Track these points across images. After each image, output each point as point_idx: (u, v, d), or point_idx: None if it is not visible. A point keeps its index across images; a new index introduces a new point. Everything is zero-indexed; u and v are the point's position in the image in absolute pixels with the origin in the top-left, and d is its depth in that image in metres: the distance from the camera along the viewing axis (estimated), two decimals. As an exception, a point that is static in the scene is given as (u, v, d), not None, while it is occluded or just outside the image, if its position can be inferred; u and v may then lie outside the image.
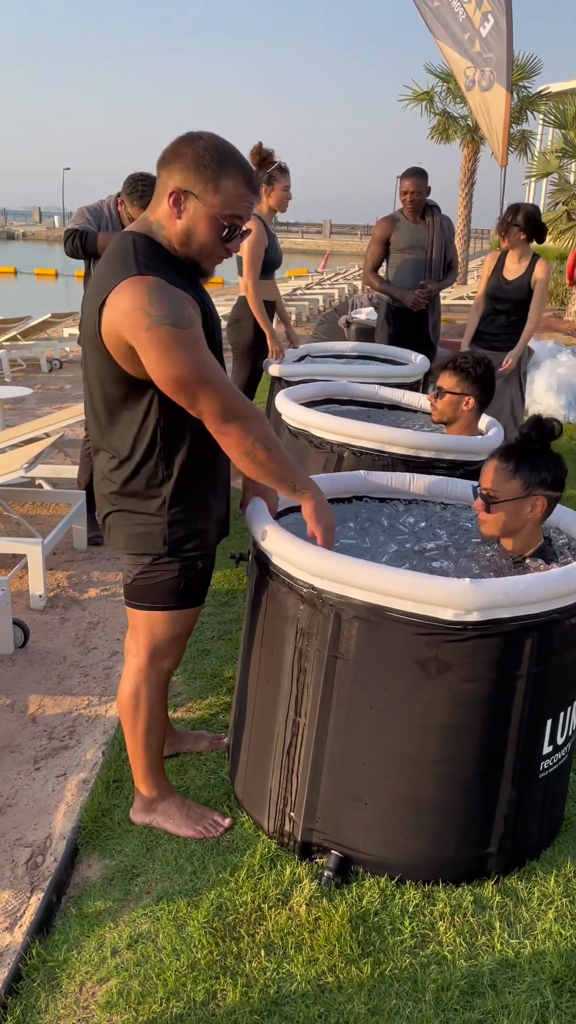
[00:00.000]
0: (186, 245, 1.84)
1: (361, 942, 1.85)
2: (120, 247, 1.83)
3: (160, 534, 1.97)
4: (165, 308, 1.73)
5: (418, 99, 18.42)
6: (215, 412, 1.81)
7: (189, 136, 1.82)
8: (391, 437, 3.06)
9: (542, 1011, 1.71)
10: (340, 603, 1.92)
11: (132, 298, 1.74)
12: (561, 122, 13.48)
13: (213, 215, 1.81)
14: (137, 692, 2.11)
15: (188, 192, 1.80)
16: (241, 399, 1.84)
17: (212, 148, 1.79)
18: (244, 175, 1.82)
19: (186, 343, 1.75)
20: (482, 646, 1.86)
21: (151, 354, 1.75)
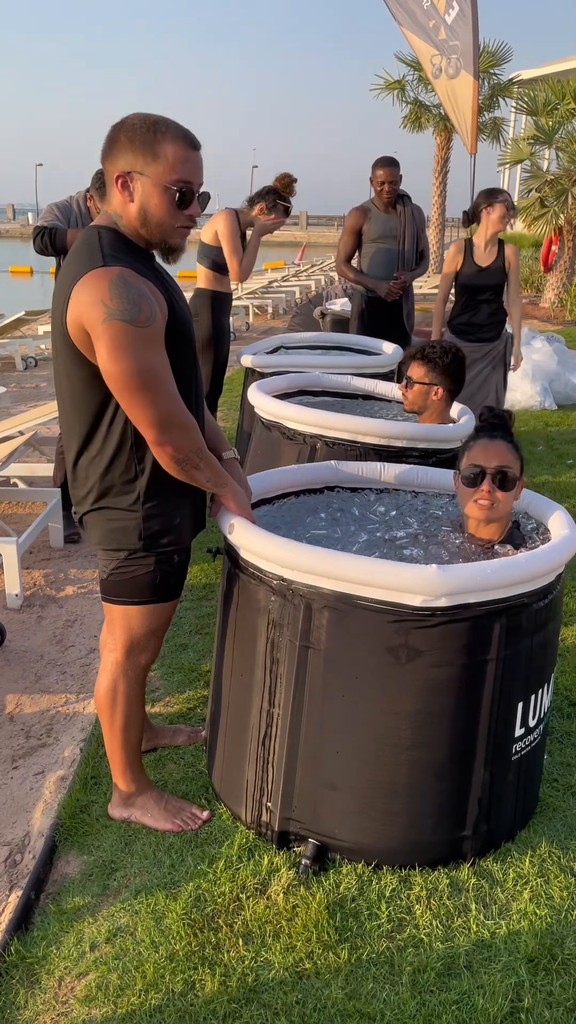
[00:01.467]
0: (146, 225, 1.83)
1: (338, 928, 1.87)
2: (86, 241, 1.83)
3: (135, 529, 1.97)
4: (123, 303, 1.73)
5: (389, 88, 18.40)
6: (148, 420, 1.80)
7: (118, 122, 1.82)
8: (363, 427, 3.07)
9: (517, 989, 1.74)
10: (310, 593, 1.93)
11: (93, 290, 1.73)
12: (532, 109, 13.51)
13: (161, 184, 1.79)
14: (114, 687, 2.11)
15: (131, 172, 1.79)
16: (177, 408, 1.82)
17: (140, 121, 1.79)
18: (180, 136, 1.80)
19: (137, 341, 1.74)
20: (451, 631, 1.88)
21: (101, 348, 1.75)
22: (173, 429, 1.82)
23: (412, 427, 3.04)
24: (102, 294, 1.73)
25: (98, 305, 1.72)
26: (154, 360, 1.78)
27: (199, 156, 1.84)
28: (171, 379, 1.82)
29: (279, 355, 4.54)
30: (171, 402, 1.81)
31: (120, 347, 1.73)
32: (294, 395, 3.88)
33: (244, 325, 12.60)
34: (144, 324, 1.75)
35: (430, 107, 18.44)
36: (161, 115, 1.81)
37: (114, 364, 1.75)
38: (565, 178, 12.75)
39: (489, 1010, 1.67)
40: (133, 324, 1.73)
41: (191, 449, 1.87)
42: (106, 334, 1.73)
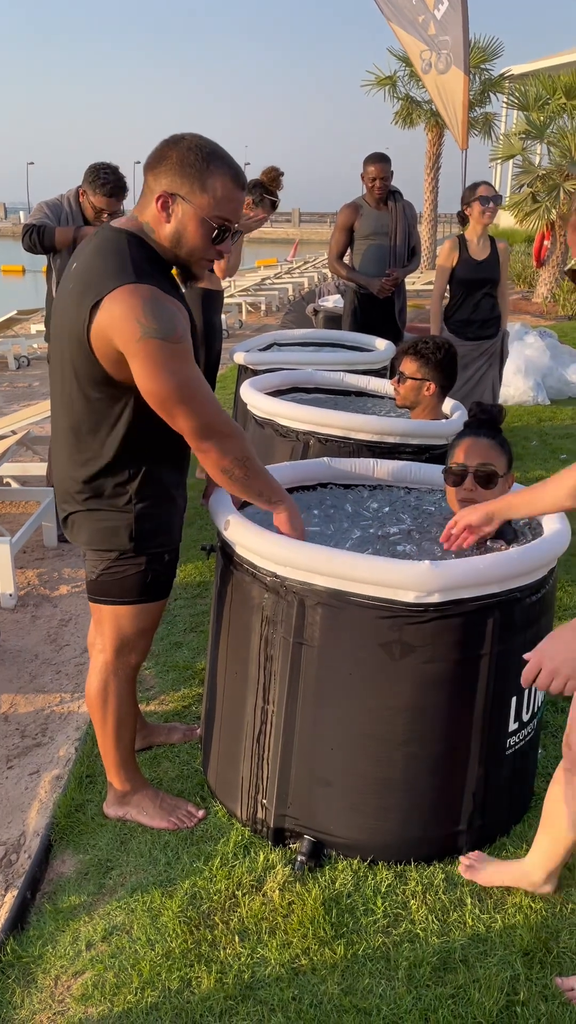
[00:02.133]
0: (176, 247, 1.84)
1: (334, 924, 1.87)
2: (114, 246, 1.80)
3: (126, 529, 1.96)
4: (158, 321, 1.73)
5: (381, 84, 18.38)
6: (195, 429, 1.82)
7: (173, 138, 1.80)
8: (356, 423, 3.08)
9: (513, 983, 1.74)
10: (303, 590, 1.93)
11: (127, 307, 1.73)
12: (524, 104, 13.51)
13: (202, 217, 1.79)
14: (105, 687, 2.11)
15: (175, 195, 1.78)
16: (222, 417, 1.85)
17: (197, 148, 1.77)
18: (232, 174, 1.80)
19: (174, 357, 1.76)
20: (444, 627, 1.88)
21: (138, 366, 1.76)
22: (216, 436, 1.84)
23: (405, 423, 3.04)
24: (137, 313, 1.72)
25: (132, 322, 1.72)
26: (191, 373, 1.80)
27: (243, 196, 1.85)
28: (208, 389, 1.84)
29: (272, 352, 4.53)
30: (213, 409, 1.83)
31: (159, 364, 1.75)
32: (287, 392, 3.88)
33: (237, 322, 12.59)
34: (179, 341, 1.76)
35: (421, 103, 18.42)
36: (218, 145, 1.81)
37: (154, 382, 1.76)
38: (557, 173, 12.76)
39: (485, 1004, 1.68)
40: (169, 342, 1.75)
41: (236, 456, 1.88)
42: (143, 352, 1.74)
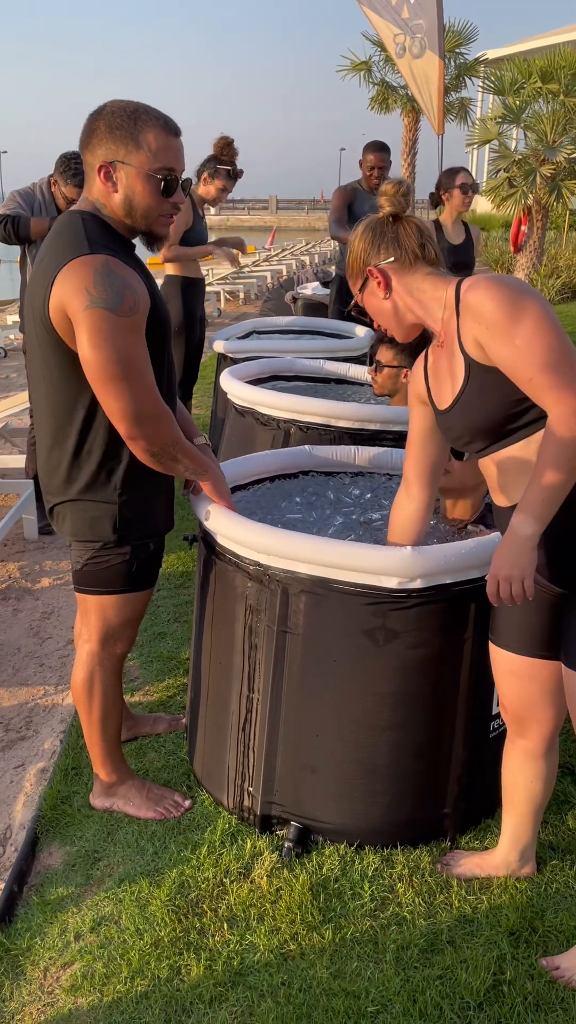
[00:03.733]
0: (130, 215, 1.82)
1: (322, 909, 1.89)
2: (69, 225, 1.81)
3: (111, 520, 1.95)
4: (106, 292, 1.72)
5: (356, 69, 18.26)
6: (125, 413, 1.79)
7: (96, 110, 1.80)
8: (337, 411, 3.07)
9: (499, 963, 1.76)
10: (287, 578, 1.93)
11: (78, 277, 1.72)
12: (499, 88, 13.48)
13: (145, 173, 1.78)
14: (91, 677, 2.10)
15: (114, 161, 1.78)
16: (153, 400, 1.81)
17: (120, 110, 1.78)
18: (161, 123, 1.79)
19: (119, 330, 1.73)
20: (427, 612, 1.89)
21: (82, 335, 1.74)
22: (146, 422, 1.80)
23: (385, 410, 3.05)
24: (86, 282, 1.72)
25: (81, 293, 1.71)
26: (133, 350, 1.77)
27: (180, 142, 1.84)
28: (150, 371, 1.81)
29: (251, 340, 4.52)
30: (147, 394, 1.79)
31: (100, 335, 1.72)
32: (267, 380, 3.87)
33: (216, 311, 12.53)
34: (126, 314, 1.74)
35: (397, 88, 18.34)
36: (139, 102, 1.80)
37: (93, 352, 1.73)
38: (533, 158, 12.77)
39: (472, 983, 1.70)
40: (115, 313, 1.72)
41: (166, 442, 1.85)
42: (87, 321, 1.72)
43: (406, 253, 1.70)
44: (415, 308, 1.71)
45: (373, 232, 1.72)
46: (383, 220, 1.73)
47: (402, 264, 1.70)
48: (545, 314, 1.50)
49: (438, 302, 1.68)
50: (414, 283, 1.70)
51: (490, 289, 1.53)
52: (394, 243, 1.70)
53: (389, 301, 1.73)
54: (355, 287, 1.78)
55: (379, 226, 1.72)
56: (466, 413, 1.63)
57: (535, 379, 1.49)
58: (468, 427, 1.65)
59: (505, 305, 1.50)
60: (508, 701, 1.81)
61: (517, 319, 1.50)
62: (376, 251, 1.71)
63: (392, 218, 1.72)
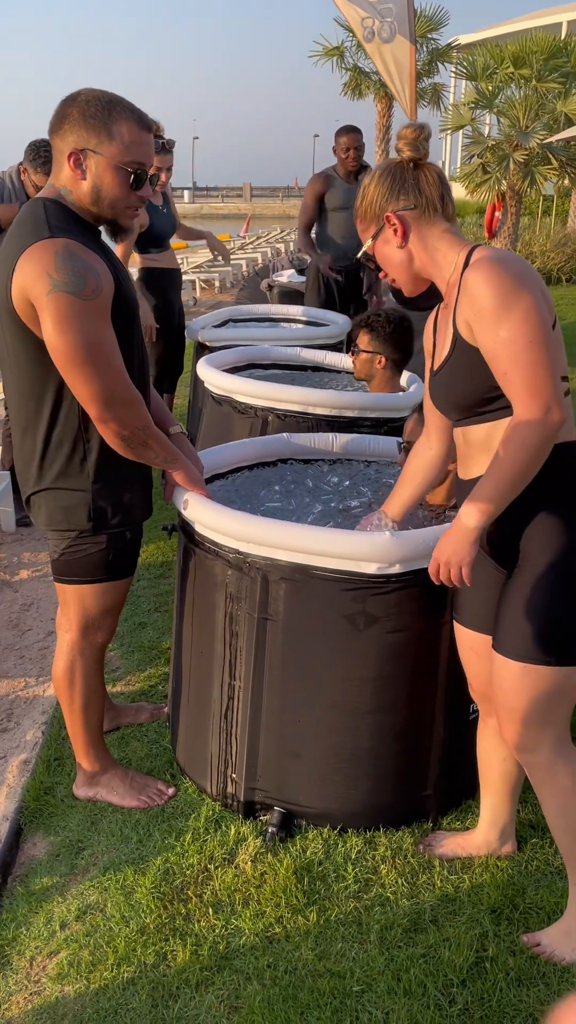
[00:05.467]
0: (97, 203, 1.82)
1: (306, 892, 1.90)
2: (31, 212, 1.80)
3: (84, 508, 1.95)
4: (68, 275, 1.70)
5: (328, 55, 18.17)
6: (95, 396, 1.77)
7: (69, 96, 1.79)
8: (314, 398, 3.08)
9: (482, 940, 1.79)
10: (266, 565, 1.94)
11: (38, 262, 1.71)
12: (472, 74, 13.49)
13: (115, 164, 1.78)
14: (72, 667, 2.10)
15: (85, 149, 1.77)
16: (125, 385, 1.80)
17: (95, 99, 1.77)
18: (135, 117, 1.80)
19: (83, 314, 1.72)
20: (406, 596, 1.90)
21: (46, 321, 1.72)
22: (117, 406, 1.80)
23: (362, 397, 3.05)
24: (47, 266, 1.70)
25: (43, 277, 1.70)
26: (100, 334, 1.75)
27: (151, 138, 1.84)
28: (117, 354, 1.80)
29: (227, 329, 4.50)
30: (116, 378, 1.79)
31: (65, 320, 1.71)
32: (244, 368, 3.86)
33: (191, 300, 12.47)
34: (90, 297, 1.72)
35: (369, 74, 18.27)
36: (114, 93, 1.80)
37: (59, 337, 1.72)
38: (506, 143, 12.79)
39: (455, 961, 1.72)
40: (79, 297, 1.71)
41: (136, 426, 1.85)
42: (51, 306, 1.70)
43: (427, 202, 1.63)
44: (427, 263, 1.65)
45: (392, 177, 1.64)
46: (403, 165, 1.64)
47: (422, 213, 1.63)
48: (535, 312, 1.48)
49: (449, 263, 1.63)
50: (431, 237, 1.64)
51: (489, 273, 1.50)
52: (415, 190, 1.62)
53: (404, 251, 1.66)
54: (366, 234, 1.70)
55: (398, 171, 1.64)
56: (445, 384, 1.65)
57: (509, 375, 1.50)
58: (444, 397, 1.67)
59: (498, 295, 1.48)
60: (472, 679, 1.85)
61: (506, 311, 1.48)
62: (395, 197, 1.63)
63: (413, 163, 1.63)
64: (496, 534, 1.67)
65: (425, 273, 1.68)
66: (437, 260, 1.65)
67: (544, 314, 1.50)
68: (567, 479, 1.59)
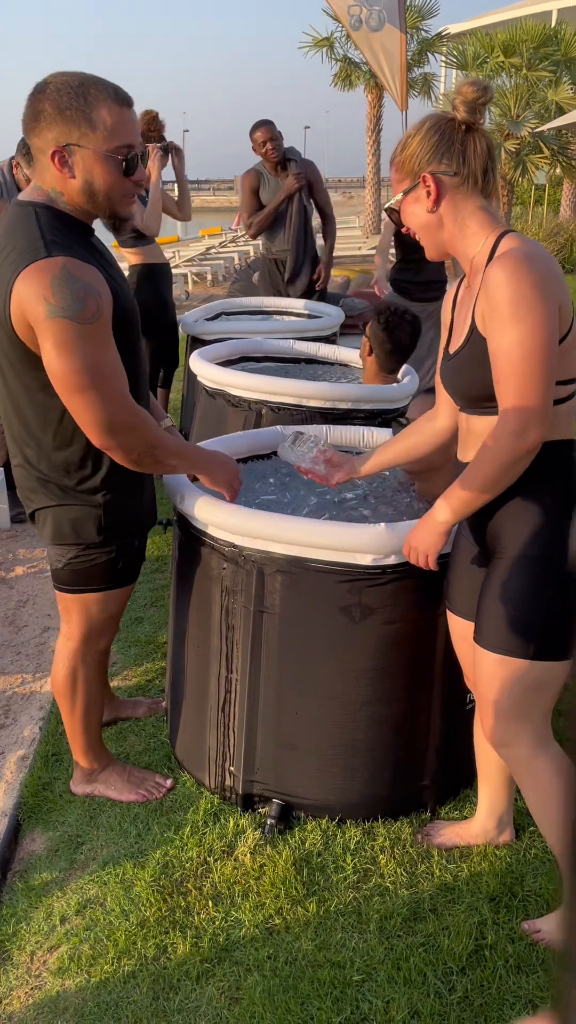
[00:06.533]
0: (92, 200, 1.72)
1: (306, 883, 1.91)
2: (22, 221, 1.70)
3: (94, 522, 1.90)
4: (66, 299, 1.63)
5: (318, 45, 18.10)
6: (98, 423, 1.70)
7: (36, 89, 1.67)
8: (308, 391, 3.07)
9: (480, 928, 1.80)
10: (262, 558, 1.94)
11: (34, 286, 1.63)
12: (462, 63, 13.46)
13: (103, 154, 1.67)
14: (74, 674, 2.08)
15: (68, 145, 1.66)
16: (127, 410, 1.73)
17: (64, 85, 1.65)
18: (112, 95, 1.68)
19: (83, 338, 1.65)
20: (402, 588, 1.91)
21: (46, 345, 1.66)
22: (119, 432, 1.72)
23: (356, 389, 3.05)
24: (44, 291, 1.62)
25: (41, 302, 1.63)
26: (100, 358, 1.68)
27: (133, 112, 1.73)
28: (120, 376, 1.72)
29: (220, 322, 4.49)
30: (118, 402, 1.71)
31: (63, 345, 1.64)
32: (237, 362, 3.85)
33: (183, 294, 12.43)
34: (89, 320, 1.65)
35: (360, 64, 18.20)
36: (83, 73, 1.69)
37: (59, 362, 1.65)
38: (497, 132, 12.76)
39: (455, 949, 1.73)
40: (77, 321, 1.64)
41: (144, 447, 1.77)
42: (49, 332, 1.63)
43: (470, 172, 1.53)
44: (455, 236, 1.58)
45: (440, 135, 1.53)
46: (454, 125, 1.53)
47: (462, 183, 1.54)
48: (544, 326, 1.44)
49: (477, 243, 1.56)
50: (464, 211, 1.56)
51: (512, 273, 1.44)
52: (460, 156, 1.53)
53: (434, 216, 1.57)
54: (399, 186, 1.60)
55: (448, 131, 1.53)
56: (456, 371, 1.64)
57: (502, 382, 1.49)
58: (453, 384, 1.66)
59: (515, 298, 1.44)
60: (466, 668, 1.85)
61: (517, 319, 1.44)
62: (438, 158, 1.53)
63: (465, 126, 1.53)
64: (481, 524, 1.67)
65: (450, 246, 1.60)
66: (466, 236, 1.57)
67: (553, 328, 1.45)
68: (550, 475, 1.58)
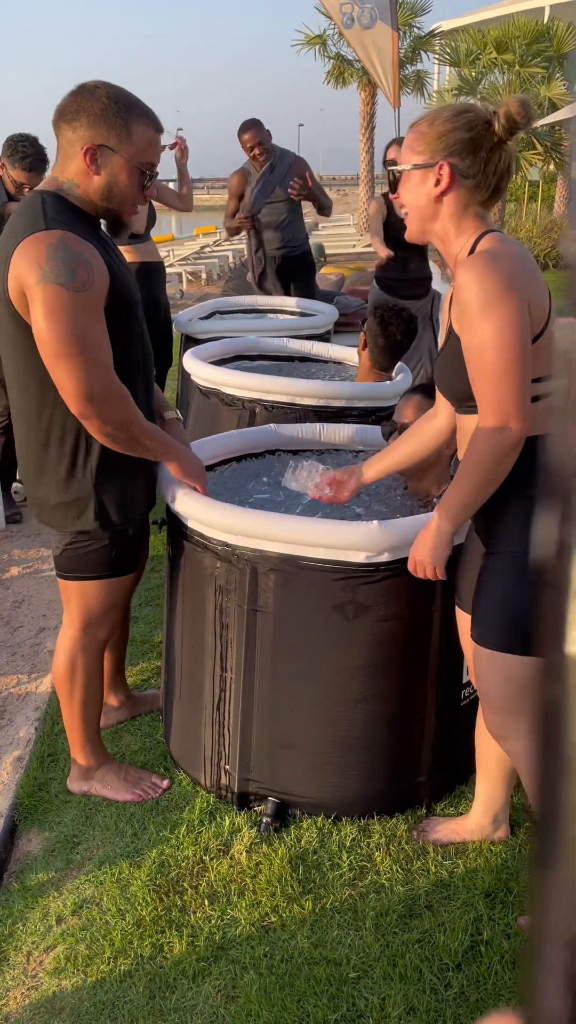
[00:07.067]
0: (108, 199, 1.83)
1: (302, 880, 1.91)
2: (29, 205, 1.80)
3: (90, 509, 1.93)
4: (59, 266, 1.70)
5: (311, 43, 18.07)
6: (77, 391, 1.75)
7: (87, 88, 1.80)
8: (302, 389, 3.07)
9: (476, 924, 1.80)
10: (255, 557, 1.94)
11: (31, 253, 1.71)
12: (455, 60, 13.46)
13: (133, 165, 1.81)
14: (73, 663, 2.10)
15: (103, 146, 1.78)
16: (108, 382, 1.77)
17: (116, 97, 1.79)
18: (151, 119, 1.84)
19: (72, 306, 1.71)
20: (395, 585, 1.91)
21: (36, 310, 1.72)
22: (98, 401, 1.77)
23: (349, 387, 3.05)
24: (39, 257, 1.71)
25: (34, 268, 1.70)
26: (87, 327, 1.75)
27: (160, 139, 1.89)
28: (104, 348, 1.78)
29: (214, 321, 4.49)
30: (100, 372, 1.77)
31: (52, 310, 1.71)
32: (231, 360, 3.85)
33: (178, 293, 12.42)
34: (80, 289, 1.72)
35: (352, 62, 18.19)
36: (131, 92, 1.83)
37: (46, 327, 1.72)
38: (491, 130, 12.77)
39: (451, 945, 1.74)
40: (68, 288, 1.71)
41: (121, 421, 1.82)
42: (40, 296, 1.71)
43: (485, 181, 1.54)
44: (447, 231, 1.58)
45: (473, 134, 1.52)
46: (489, 131, 1.52)
47: (475, 186, 1.54)
48: (514, 324, 1.44)
49: (461, 243, 1.58)
50: (463, 211, 1.56)
51: (478, 273, 1.45)
52: (483, 163, 1.53)
53: (435, 205, 1.56)
54: (412, 157, 1.56)
55: (481, 133, 1.52)
56: (442, 371, 1.67)
57: (477, 382, 1.50)
58: (440, 384, 1.69)
59: (482, 299, 1.45)
60: (471, 662, 1.85)
61: (485, 319, 1.45)
62: (461, 154, 1.53)
63: (497, 139, 1.53)
64: (475, 520, 1.69)
65: (438, 240, 1.60)
66: (453, 233, 1.58)
67: (523, 325, 1.46)
68: (533, 471, 1.58)
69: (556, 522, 0.36)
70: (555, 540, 0.36)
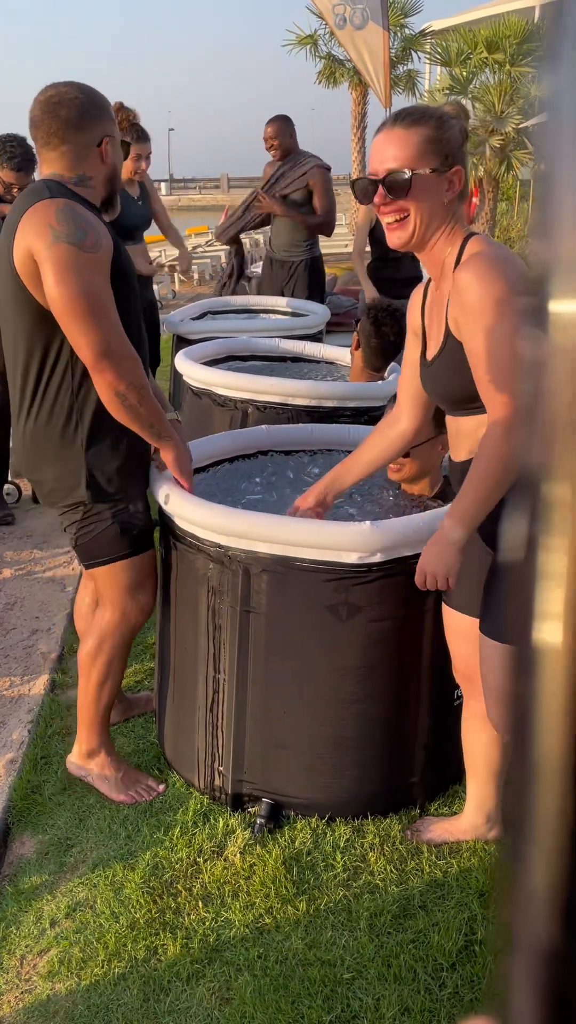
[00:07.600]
0: (112, 181, 1.97)
1: (296, 881, 1.91)
2: (32, 188, 1.90)
3: (81, 478, 1.97)
4: (70, 227, 1.77)
5: (302, 43, 18.03)
6: (93, 346, 1.81)
7: (81, 92, 1.89)
8: (294, 389, 3.07)
9: (471, 923, 1.80)
10: (247, 558, 1.94)
11: (40, 216, 1.78)
12: (445, 59, 13.45)
13: (118, 140, 1.97)
14: (101, 643, 2.13)
15: (108, 136, 1.91)
16: (122, 339, 1.85)
17: (91, 89, 1.92)
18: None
19: (86, 266, 1.78)
20: (388, 585, 1.91)
21: (48, 271, 1.77)
22: (114, 357, 1.83)
23: (341, 387, 3.06)
24: (49, 219, 1.77)
25: (45, 230, 1.76)
26: (99, 286, 1.82)
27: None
28: (115, 310, 1.85)
29: (206, 321, 4.49)
30: (114, 331, 1.83)
31: (67, 270, 1.76)
32: (223, 361, 3.85)
33: (170, 292, 12.40)
34: (91, 249, 1.79)
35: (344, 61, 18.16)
36: (74, 81, 1.94)
37: (60, 287, 1.77)
38: (482, 129, 12.77)
39: (445, 945, 1.74)
40: (80, 248, 1.77)
41: (131, 381, 1.86)
42: (53, 256, 1.76)
43: (466, 185, 1.61)
44: (443, 235, 1.59)
45: (464, 140, 1.59)
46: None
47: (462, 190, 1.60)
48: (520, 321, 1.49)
49: (448, 248, 1.60)
50: (455, 215, 1.59)
51: (482, 275, 1.47)
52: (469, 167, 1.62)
53: (442, 208, 1.57)
54: (426, 160, 1.53)
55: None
56: (437, 378, 1.66)
57: (484, 382, 1.51)
58: (436, 390, 1.70)
59: (487, 299, 1.46)
60: (459, 662, 1.86)
61: (493, 318, 1.46)
62: (463, 160, 1.59)
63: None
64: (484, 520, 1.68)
65: (430, 244, 1.60)
66: (446, 238, 1.59)
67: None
68: None
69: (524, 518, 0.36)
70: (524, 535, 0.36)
